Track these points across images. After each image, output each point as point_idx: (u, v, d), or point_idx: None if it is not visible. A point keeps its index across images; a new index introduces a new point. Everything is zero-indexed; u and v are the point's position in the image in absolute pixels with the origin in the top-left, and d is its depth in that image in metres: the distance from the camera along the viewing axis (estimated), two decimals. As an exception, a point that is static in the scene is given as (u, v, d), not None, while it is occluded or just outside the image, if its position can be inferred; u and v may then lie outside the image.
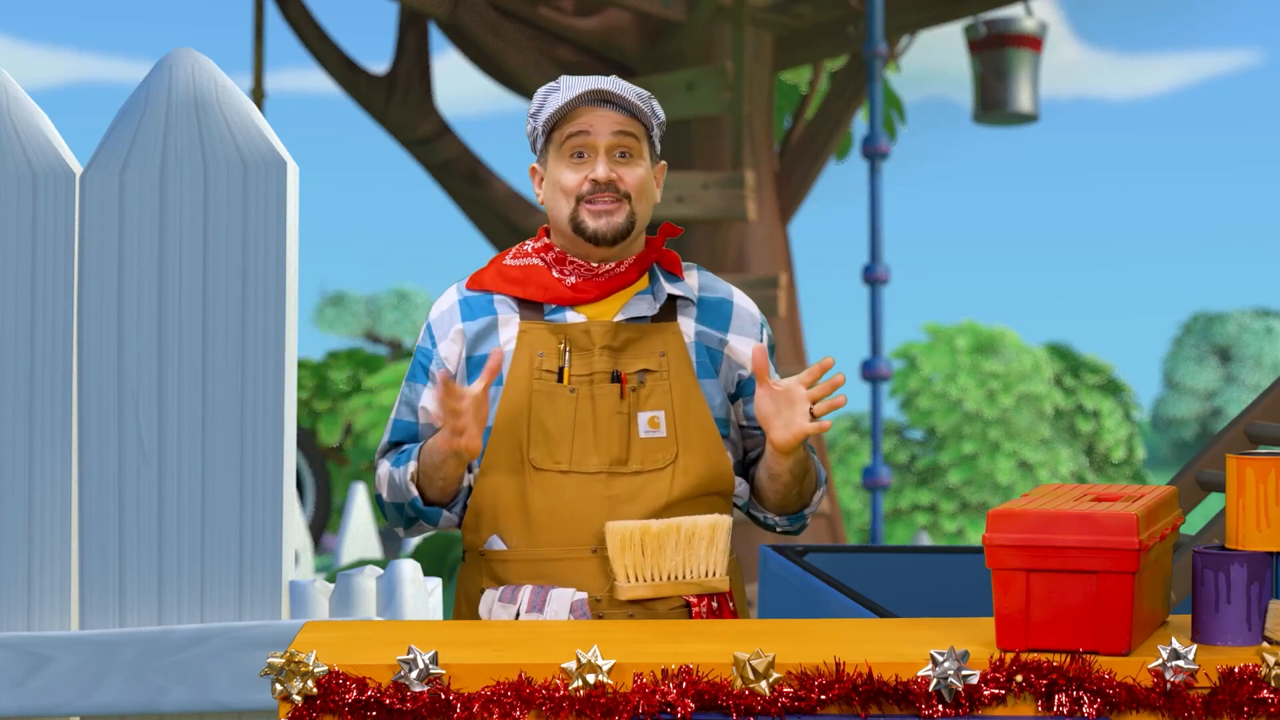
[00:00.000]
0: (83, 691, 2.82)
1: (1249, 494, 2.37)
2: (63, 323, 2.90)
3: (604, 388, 2.80)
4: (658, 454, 2.81)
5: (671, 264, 2.92)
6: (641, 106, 2.84)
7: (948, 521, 22.90)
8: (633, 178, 2.84)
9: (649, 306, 2.86)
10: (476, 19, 10.35)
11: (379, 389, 14.71)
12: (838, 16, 10.76)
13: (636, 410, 2.81)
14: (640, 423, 2.81)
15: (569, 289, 2.84)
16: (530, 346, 2.82)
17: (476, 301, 2.90)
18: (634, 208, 2.84)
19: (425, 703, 2.26)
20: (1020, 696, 2.27)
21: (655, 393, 2.82)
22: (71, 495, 2.89)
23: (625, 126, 2.83)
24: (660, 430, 2.81)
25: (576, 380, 2.80)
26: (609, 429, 2.79)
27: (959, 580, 4.40)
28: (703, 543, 2.77)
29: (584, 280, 2.85)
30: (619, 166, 2.83)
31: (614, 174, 2.82)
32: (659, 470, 2.80)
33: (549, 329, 2.83)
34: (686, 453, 2.81)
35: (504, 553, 2.83)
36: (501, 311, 2.87)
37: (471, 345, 2.86)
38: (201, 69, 2.88)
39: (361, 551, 11.68)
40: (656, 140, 2.90)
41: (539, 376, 2.80)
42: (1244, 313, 47.81)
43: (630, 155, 2.84)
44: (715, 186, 9.55)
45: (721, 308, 2.92)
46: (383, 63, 74.70)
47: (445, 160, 11.17)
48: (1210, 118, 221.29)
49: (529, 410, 2.80)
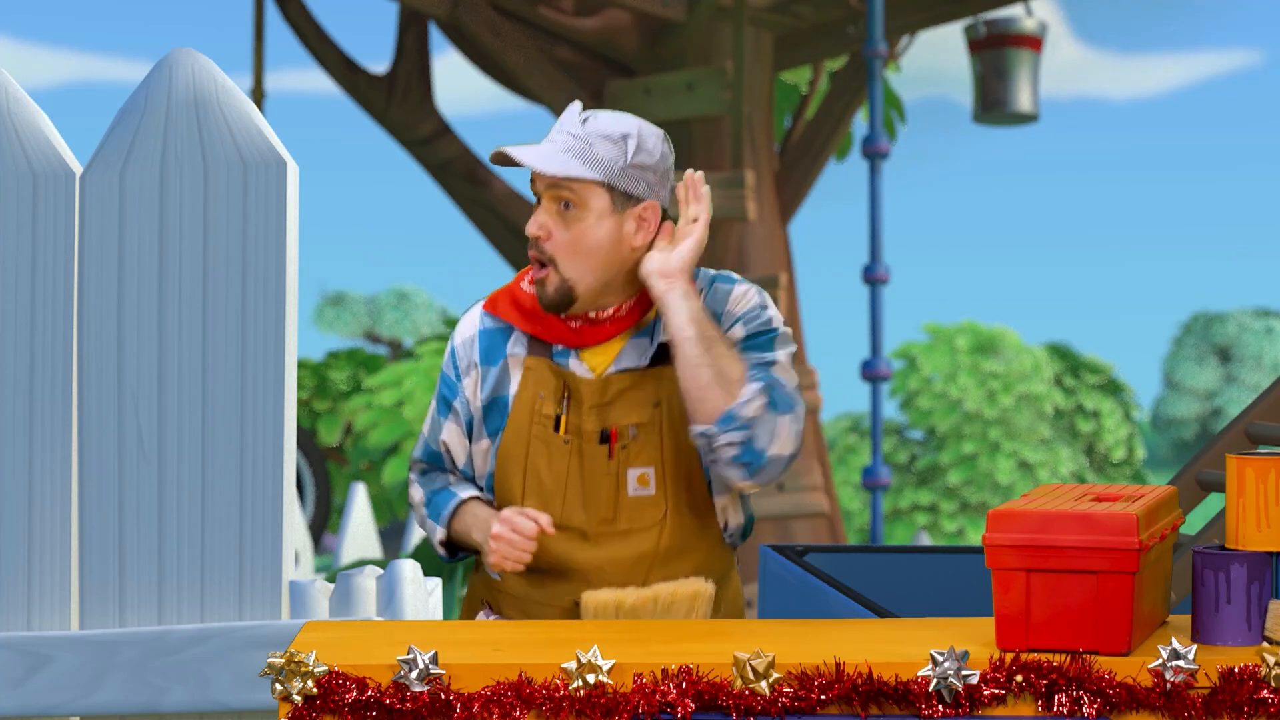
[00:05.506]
0: (83, 691, 2.82)
1: (1249, 494, 2.37)
2: (63, 323, 2.90)
3: (593, 446, 2.75)
4: (647, 512, 2.77)
5: None
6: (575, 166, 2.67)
7: (948, 521, 22.90)
8: (563, 236, 2.69)
9: (644, 354, 2.77)
10: (476, 19, 10.35)
11: (379, 389, 14.71)
12: (838, 16, 10.76)
13: (626, 467, 2.75)
14: (629, 480, 2.76)
15: (571, 333, 2.77)
16: (533, 386, 2.78)
17: (493, 335, 2.84)
18: (563, 273, 2.69)
19: (425, 703, 2.26)
20: (1020, 696, 2.27)
21: (646, 447, 2.75)
22: (71, 495, 2.89)
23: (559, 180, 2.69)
24: (649, 488, 2.76)
25: (571, 432, 2.76)
26: (597, 488, 2.75)
27: (959, 580, 4.40)
28: (681, 609, 2.74)
29: (585, 325, 2.77)
30: (555, 221, 2.70)
31: (542, 230, 2.70)
32: (647, 529, 2.77)
33: (551, 370, 2.77)
34: (676, 508, 2.77)
35: (496, 582, 2.88)
36: (513, 350, 2.81)
37: (488, 390, 2.82)
38: (201, 69, 2.88)
39: (361, 551, 11.68)
40: (630, 186, 2.70)
41: (538, 421, 2.76)
42: (1244, 313, 47.81)
43: (571, 207, 2.69)
44: (715, 186, 9.56)
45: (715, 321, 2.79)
46: (383, 63, 74.92)
47: (445, 160, 11.17)
48: (1210, 118, 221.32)
49: (526, 459, 2.77)
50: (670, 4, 10.33)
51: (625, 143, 2.69)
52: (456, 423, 2.85)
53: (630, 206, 2.71)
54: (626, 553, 2.76)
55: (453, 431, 2.86)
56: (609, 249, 2.70)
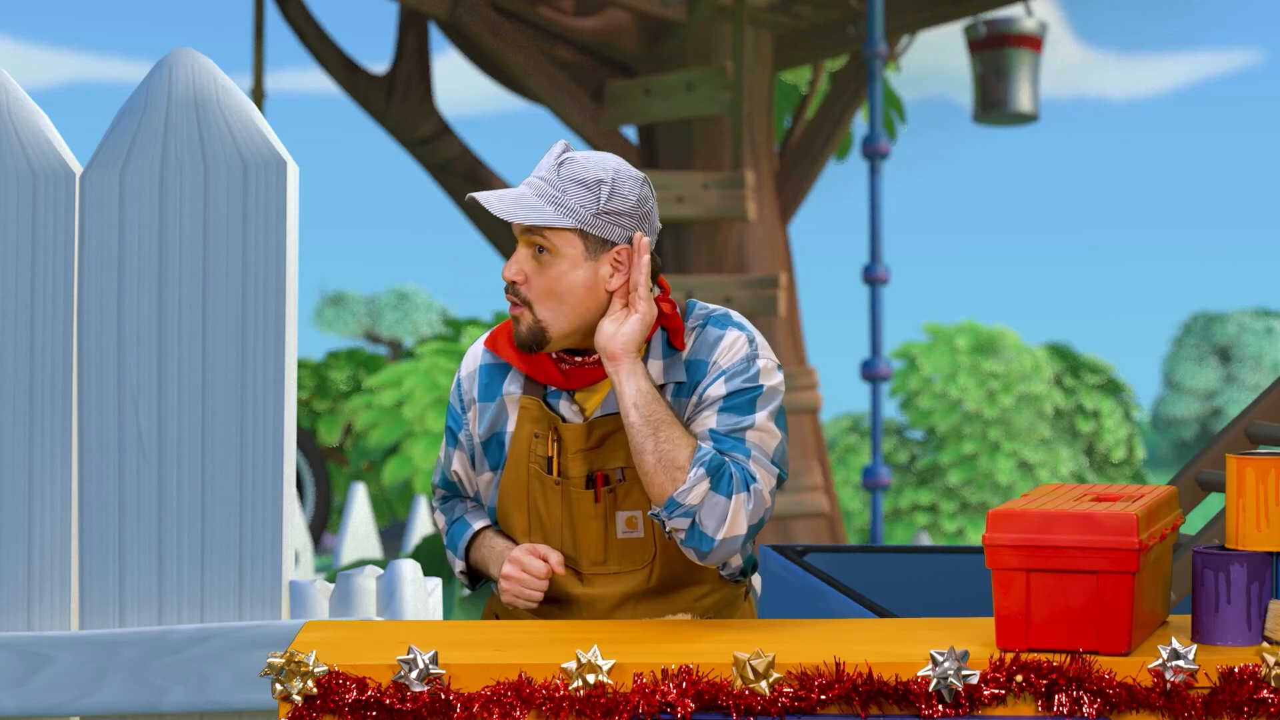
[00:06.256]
0: (83, 691, 2.82)
1: (1249, 494, 2.37)
2: (63, 323, 2.90)
3: (580, 490, 2.76)
4: (635, 554, 2.77)
5: (674, 333, 2.76)
6: (546, 213, 2.65)
7: (948, 521, 22.90)
8: (539, 282, 2.68)
9: None
10: (476, 19, 10.35)
11: (379, 389, 14.71)
12: (838, 16, 10.76)
13: (614, 510, 2.76)
14: (618, 523, 2.76)
15: (561, 375, 2.77)
16: (529, 425, 2.79)
17: (492, 372, 2.84)
18: (537, 315, 2.69)
19: (425, 703, 2.26)
20: (1020, 696, 2.27)
21: (634, 490, 2.75)
22: (71, 495, 2.89)
23: (531, 228, 2.68)
24: (638, 530, 2.76)
25: (561, 475, 2.77)
26: (586, 531, 2.76)
27: (959, 580, 4.40)
28: None
29: (573, 368, 2.77)
30: (532, 265, 2.69)
31: (518, 274, 2.69)
32: (637, 570, 2.78)
33: (543, 411, 2.78)
34: (665, 550, 2.76)
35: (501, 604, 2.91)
36: (509, 389, 2.82)
37: (485, 426, 2.84)
38: (201, 69, 2.88)
39: (361, 551, 11.68)
40: (606, 231, 2.68)
41: (534, 460, 2.78)
42: (1244, 313, 47.81)
43: (546, 253, 2.68)
44: (715, 186, 9.56)
45: (699, 368, 2.76)
46: (383, 63, 74.78)
47: (445, 160, 11.17)
48: (1210, 118, 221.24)
49: (527, 498, 2.80)
50: (670, 4, 10.33)
51: (599, 189, 2.67)
52: (463, 453, 2.88)
53: (604, 251, 2.68)
54: (618, 589, 2.78)
55: (462, 461, 2.90)
56: (583, 294, 2.69)
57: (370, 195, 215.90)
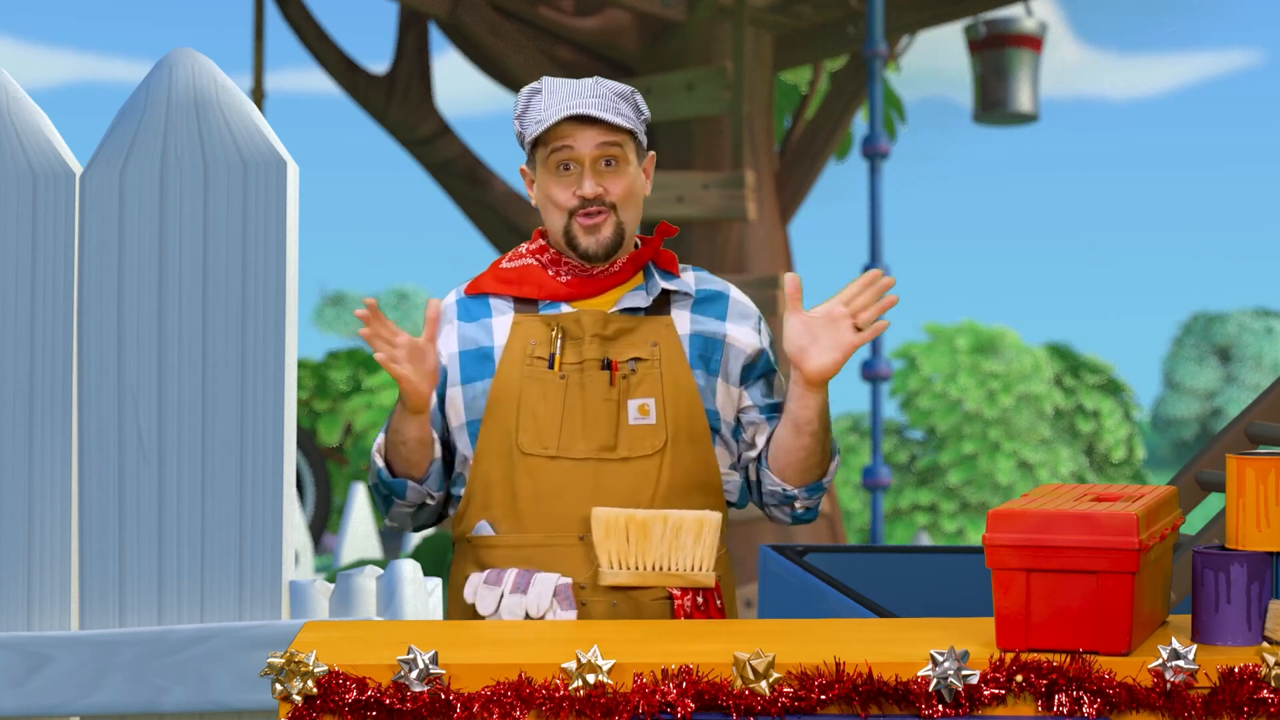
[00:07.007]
0: (83, 691, 2.82)
1: (1249, 494, 2.37)
2: (63, 323, 2.90)
3: (594, 374, 2.81)
4: (647, 441, 2.81)
5: (667, 263, 2.93)
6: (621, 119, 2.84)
7: (948, 521, 22.92)
8: (619, 187, 2.85)
9: (643, 300, 2.87)
10: (476, 19, 10.35)
11: (379, 389, 14.72)
12: (838, 16, 10.76)
13: (626, 397, 2.81)
14: (630, 410, 2.81)
15: (563, 285, 2.86)
16: (523, 337, 2.84)
17: (473, 303, 2.91)
18: (620, 216, 2.85)
19: (425, 703, 2.26)
20: (1020, 696, 2.27)
21: (646, 380, 2.83)
22: (71, 495, 2.89)
23: (608, 138, 2.83)
24: (650, 417, 2.82)
25: (568, 368, 2.82)
26: (597, 415, 2.80)
27: (959, 580, 4.40)
28: (689, 537, 2.77)
29: (578, 278, 2.87)
30: (605, 177, 2.84)
31: (600, 188, 2.83)
32: (648, 457, 2.81)
33: (542, 320, 2.85)
34: (676, 441, 2.82)
35: (491, 538, 2.83)
36: (497, 309, 2.89)
37: (465, 342, 2.87)
38: (201, 69, 2.88)
39: (361, 551, 11.68)
40: (642, 136, 2.91)
41: (530, 363, 2.82)
42: (1244, 313, 47.83)
43: (616, 162, 2.85)
44: (715, 186, 9.56)
45: (718, 300, 2.93)
46: (383, 63, 75.01)
47: (445, 160, 11.17)
48: (1210, 118, 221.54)
49: (519, 396, 2.82)
50: (670, 4, 10.33)
51: (634, 99, 2.89)
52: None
53: (642, 157, 2.91)
54: (629, 481, 2.79)
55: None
56: (641, 196, 2.91)
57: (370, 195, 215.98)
